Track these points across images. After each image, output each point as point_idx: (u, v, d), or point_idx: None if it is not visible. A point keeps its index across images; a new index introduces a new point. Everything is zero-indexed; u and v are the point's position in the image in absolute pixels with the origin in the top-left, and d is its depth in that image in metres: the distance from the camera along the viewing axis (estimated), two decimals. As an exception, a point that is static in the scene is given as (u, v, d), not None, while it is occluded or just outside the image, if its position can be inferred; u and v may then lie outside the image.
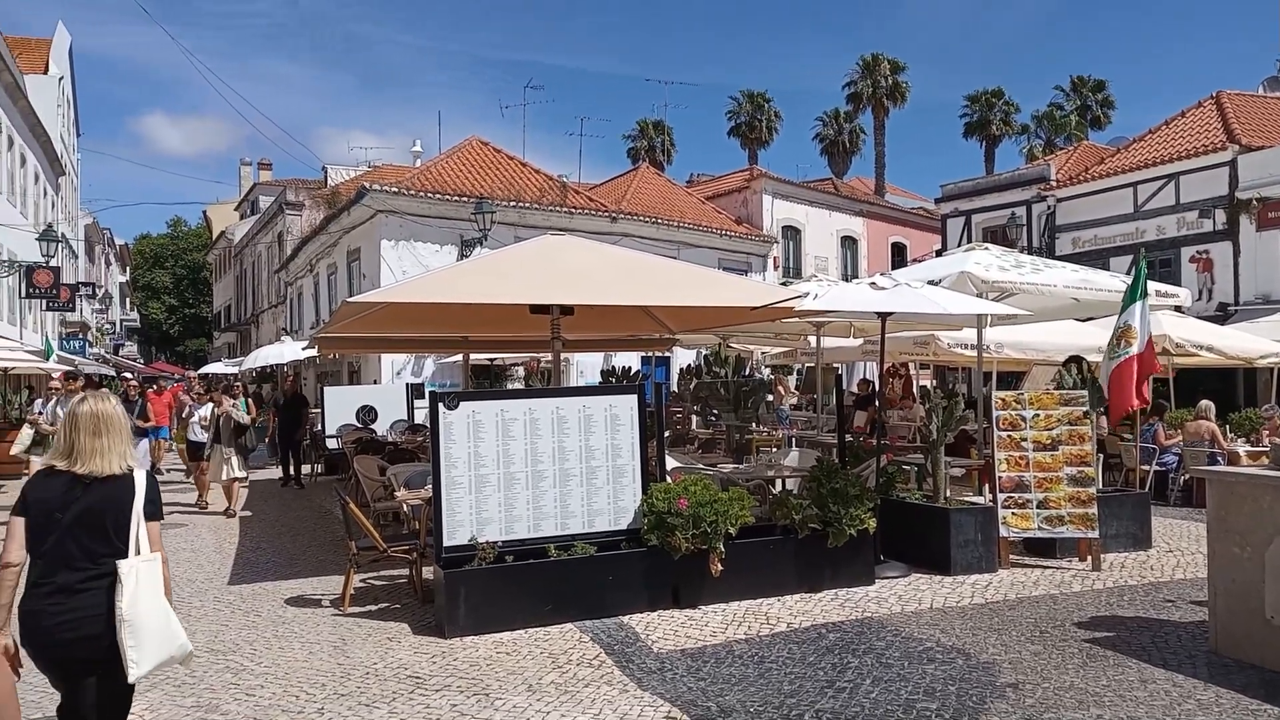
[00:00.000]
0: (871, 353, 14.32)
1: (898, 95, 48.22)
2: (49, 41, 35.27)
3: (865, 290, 8.35)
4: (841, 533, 7.42)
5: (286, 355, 22.06)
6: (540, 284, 7.94)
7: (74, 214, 40.24)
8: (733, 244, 28.84)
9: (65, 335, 34.44)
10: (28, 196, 28.18)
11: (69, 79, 37.84)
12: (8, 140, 23.91)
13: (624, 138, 54.07)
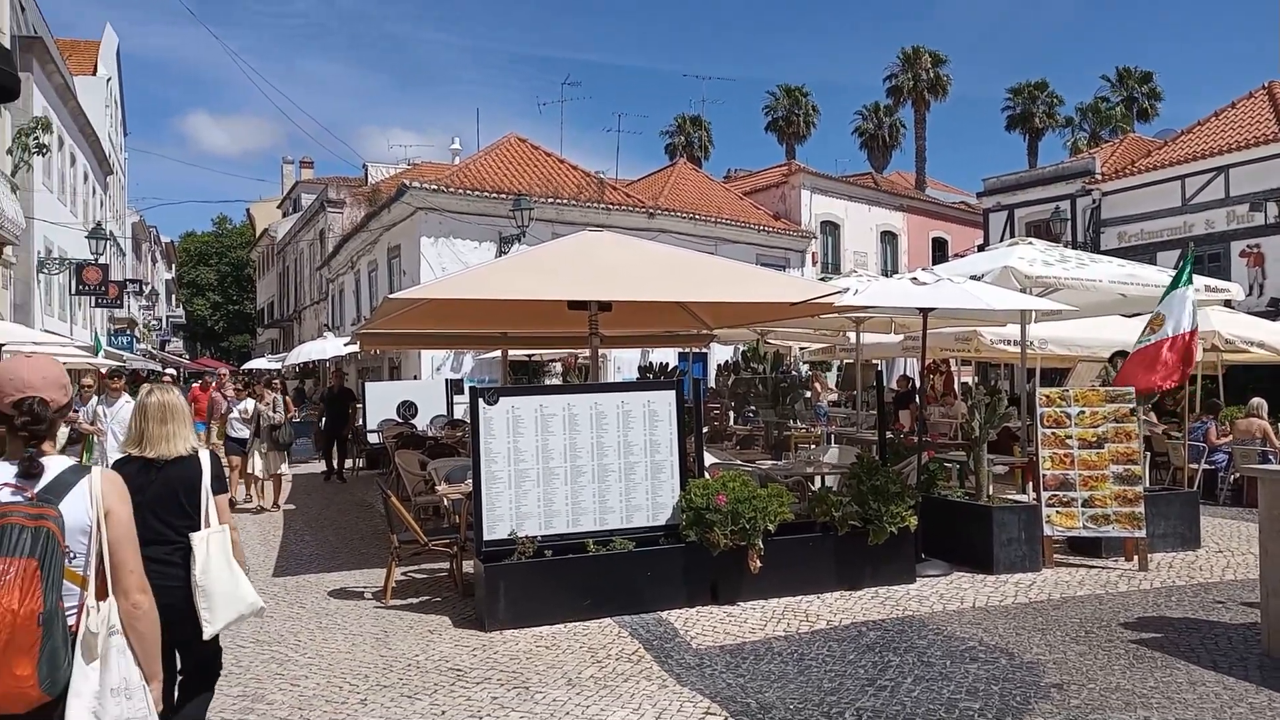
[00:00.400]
0: (912, 349, 14.21)
1: (939, 88, 47.76)
2: (97, 43, 35.98)
3: (907, 285, 8.26)
4: (882, 530, 7.36)
5: (328, 351, 22.33)
6: (578, 280, 7.96)
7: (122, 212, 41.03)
8: (770, 239, 28.72)
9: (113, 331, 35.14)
10: (77, 195, 28.77)
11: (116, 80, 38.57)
12: (58, 140, 24.41)
13: (661, 134, 54.06)
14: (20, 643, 2.35)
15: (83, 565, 2.59)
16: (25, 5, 23.75)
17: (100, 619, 2.58)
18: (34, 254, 22.73)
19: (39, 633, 2.38)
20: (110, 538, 2.64)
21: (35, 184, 22.18)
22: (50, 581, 2.43)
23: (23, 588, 2.36)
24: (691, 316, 10.67)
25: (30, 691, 2.38)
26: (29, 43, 22.14)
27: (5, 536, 2.40)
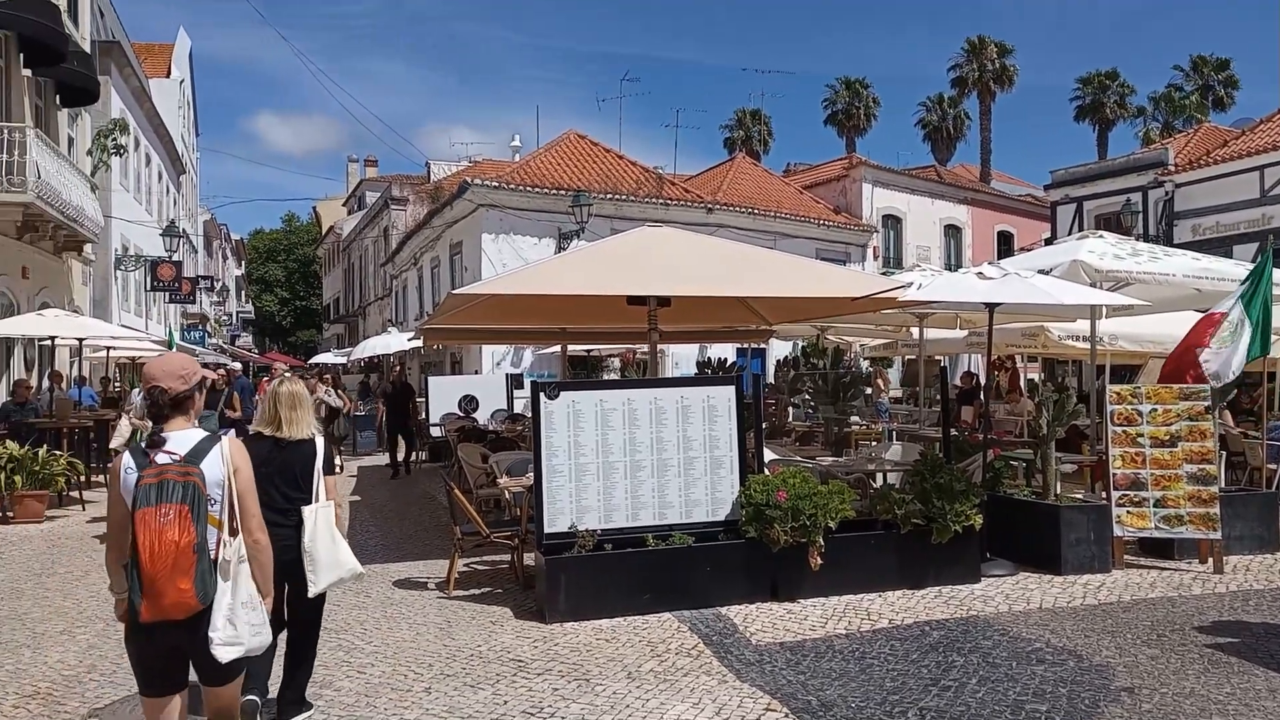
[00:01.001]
0: (977, 345, 13.97)
1: (1005, 79, 46.85)
2: (171, 46, 37.02)
3: (972, 280, 8.12)
4: (946, 529, 7.25)
5: (392, 346, 22.69)
6: (637, 275, 7.98)
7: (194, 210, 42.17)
8: (831, 234, 28.44)
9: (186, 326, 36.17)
10: (152, 194, 29.66)
11: (189, 81, 39.64)
12: (134, 141, 25.17)
13: (720, 128, 53.99)
14: (183, 565, 3.18)
15: (219, 510, 3.42)
16: (104, 10, 24.52)
17: (232, 550, 3.43)
18: (112, 251, 23.50)
19: (194, 558, 3.21)
20: (237, 489, 3.47)
21: (113, 184, 22.92)
22: (199, 520, 3.25)
23: (180, 525, 3.19)
24: (750, 312, 10.63)
25: (190, 601, 3.22)
26: (107, 47, 22.88)
27: (166, 488, 3.22)
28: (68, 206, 16.51)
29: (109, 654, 6.08)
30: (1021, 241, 32.44)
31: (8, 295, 15.87)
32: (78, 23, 19.55)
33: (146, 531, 3.18)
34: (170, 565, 3.17)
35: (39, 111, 17.36)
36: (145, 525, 3.18)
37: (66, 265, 19.25)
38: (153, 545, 3.17)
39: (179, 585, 3.18)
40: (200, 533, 3.25)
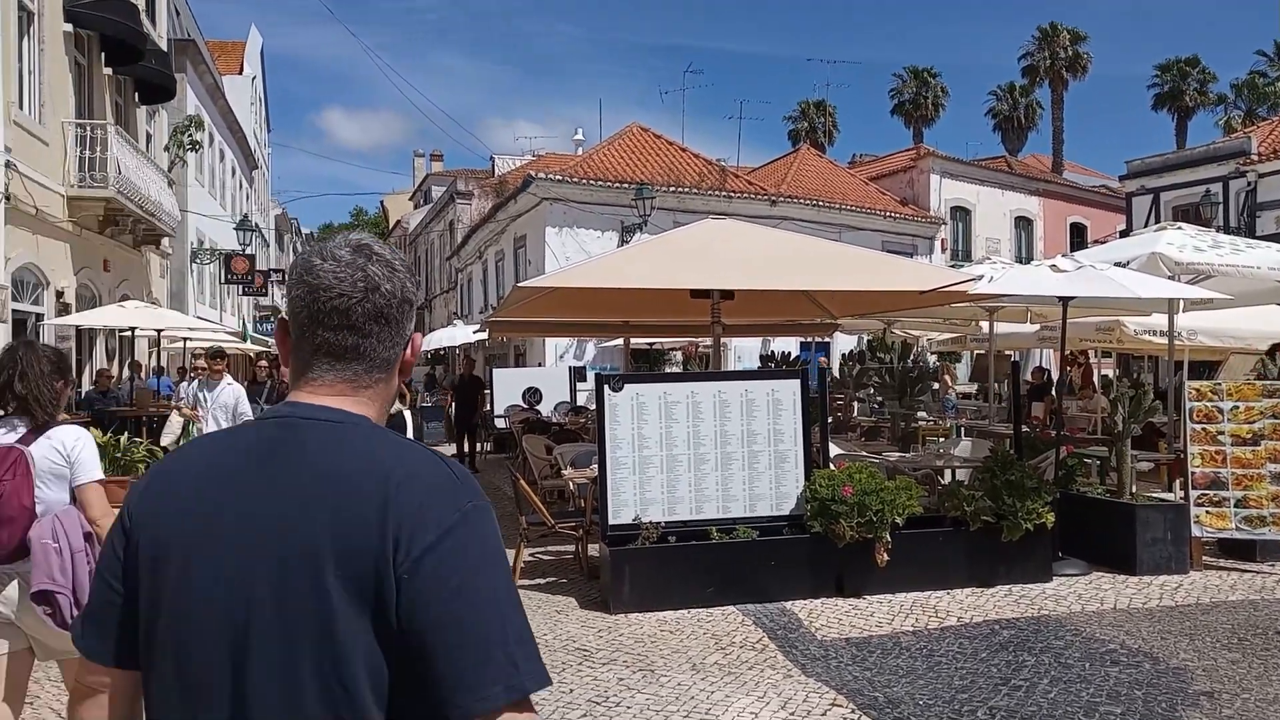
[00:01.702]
0: (1048, 339, 13.67)
1: (1078, 67, 45.67)
2: (243, 44, 37.92)
3: (1045, 272, 7.94)
4: (1016, 526, 7.11)
5: (458, 338, 23.00)
6: (701, 268, 7.96)
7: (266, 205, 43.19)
8: (897, 226, 28.04)
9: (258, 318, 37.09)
10: (226, 189, 30.44)
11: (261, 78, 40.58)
12: (209, 137, 25.87)
13: (784, 120, 53.39)
14: None
15: None
16: (179, 9, 25.22)
17: None
18: (188, 245, 24.19)
19: None
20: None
21: (189, 179, 23.58)
22: None
23: None
24: (815, 305, 10.53)
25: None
26: (183, 45, 23.53)
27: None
28: (146, 201, 17.02)
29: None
30: (1095, 234, 31.60)
31: (90, 287, 16.42)
32: (155, 22, 20.13)
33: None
34: None
35: (119, 109, 17.92)
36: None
37: (145, 258, 19.85)
38: None
39: None
40: None
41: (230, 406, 8.90)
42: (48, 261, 14.31)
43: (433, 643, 1.18)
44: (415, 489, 1.24)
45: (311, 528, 1.22)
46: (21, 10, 13.57)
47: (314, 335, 1.35)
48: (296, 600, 1.20)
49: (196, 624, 1.24)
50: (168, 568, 1.27)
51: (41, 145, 14.01)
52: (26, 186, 13.15)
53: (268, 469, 1.28)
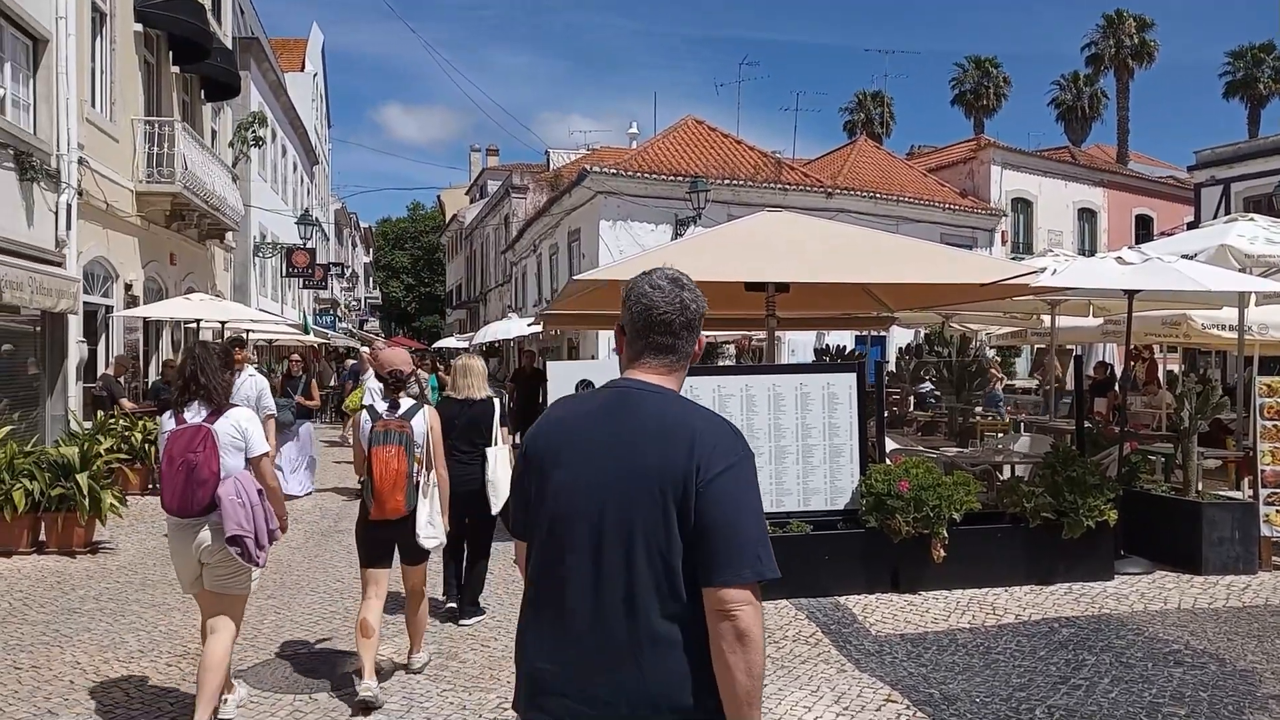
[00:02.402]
0: (1112, 333, 13.37)
1: (1144, 54, 44.44)
2: (304, 41, 38.61)
3: (1111, 265, 7.74)
4: (1078, 524, 6.97)
5: (512, 331, 23.16)
6: (756, 261, 7.91)
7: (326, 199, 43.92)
8: (956, 218, 27.61)
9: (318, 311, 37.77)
10: (287, 184, 31.03)
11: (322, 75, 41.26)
12: (271, 133, 26.37)
13: (841, 111, 52.84)
14: (399, 485, 4.88)
15: (421, 453, 5.08)
16: (243, 8, 25.74)
17: (428, 480, 5.12)
18: (251, 239, 24.71)
19: (405, 481, 4.90)
20: (432, 440, 5.16)
21: (252, 174, 24.08)
22: (409, 457, 4.93)
23: (400, 458, 4.88)
24: (872, 298, 10.41)
25: (401, 509, 4.91)
26: (247, 43, 24.02)
27: (390, 435, 4.92)
28: (211, 196, 17.42)
29: (250, 618, 6.41)
30: (1162, 225, 30.79)
31: (157, 280, 16.86)
32: (220, 21, 20.57)
33: (378, 462, 4.87)
34: (391, 484, 4.87)
35: (185, 106, 18.35)
36: (378, 458, 4.88)
37: (209, 252, 20.32)
38: (381, 471, 4.86)
39: (396, 498, 4.89)
40: (409, 465, 4.94)
41: (251, 399, 8.51)
42: (117, 255, 14.73)
43: (712, 533, 1.90)
44: (710, 435, 1.98)
45: (645, 454, 1.98)
46: (95, 11, 13.97)
47: (647, 336, 2.13)
48: (635, 497, 1.96)
49: (565, 511, 2.04)
50: (548, 477, 2.08)
51: (112, 142, 14.41)
52: (97, 182, 13.55)
53: (614, 416, 2.06)
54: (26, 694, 5.01)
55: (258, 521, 4.34)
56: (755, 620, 1.88)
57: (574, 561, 2.01)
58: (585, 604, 1.99)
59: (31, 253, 11.34)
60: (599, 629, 1.98)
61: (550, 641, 2.06)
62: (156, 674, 5.33)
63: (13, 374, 12.21)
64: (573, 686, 2.00)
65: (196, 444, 4.28)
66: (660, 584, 1.93)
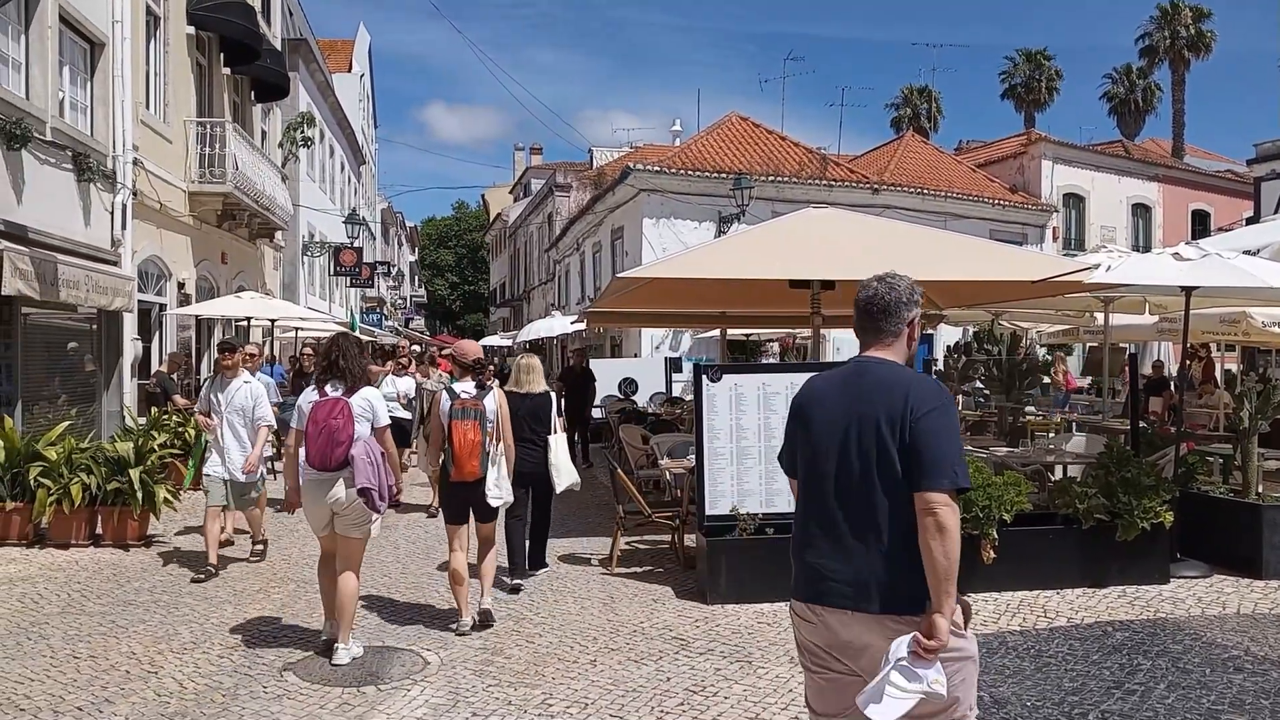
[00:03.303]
0: (1168, 332, 13.08)
1: (1200, 45, 43.34)
2: (351, 42, 39.05)
3: (1167, 261, 7.55)
4: (1132, 525, 6.82)
5: (555, 329, 23.26)
6: (801, 259, 7.86)
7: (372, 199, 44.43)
8: (1006, 214, 27.15)
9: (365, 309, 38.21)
10: (335, 184, 31.42)
11: (369, 75, 41.72)
12: (320, 133, 26.72)
13: (887, 106, 52.27)
14: (474, 453, 5.93)
15: (491, 428, 6.12)
16: (292, 10, 26.11)
17: (496, 450, 6.18)
18: (299, 238, 25.06)
19: (479, 450, 5.96)
20: (501, 417, 6.23)
21: (300, 174, 24.42)
22: (483, 430, 6.00)
23: (475, 431, 5.95)
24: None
25: (476, 472, 5.97)
26: (295, 45, 24.35)
27: (468, 411, 5.98)
28: (261, 196, 17.69)
29: (300, 612, 6.51)
30: (1219, 221, 30.04)
31: (209, 279, 17.17)
32: (270, 22, 20.88)
33: (458, 433, 5.94)
34: (468, 452, 5.94)
35: (236, 107, 18.66)
36: (457, 430, 5.95)
37: (259, 251, 20.65)
38: (460, 440, 5.93)
39: (472, 463, 5.95)
40: (483, 437, 6.01)
41: (247, 410, 7.66)
42: (170, 254, 15.02)
43: (920, 454, 2.69)
44: (919, 388, 2.81)
45: (873, 402, 2.82)
46: (149, 15, 14.25)
47: (862, 323, 3.02)
48: (866, 431, 2.80)
49: (819, 444, 2.92)
50: (809, 423, 2.98)
51: (165, 143, 14.70)
52: (151, 182, 13.82)
53: (852, 380, 2.94)
54: (85, 683, 5.12)
55: (381, 478, 5.40)
56: (951, 517, 2.65)
57: (826, 480, 2.90)
58: (835, 510, 2.87)
59: (88, 252, 11.60)
60: (845, 527, 2.84)
61: (814, 538, 2.92)
62: (209, 664, 5.42)
63: (71, 371, 12.51)
64: (828, 568, 2.86)
65: (336, 413, 5.35)
66: (885, 493, 2.76)
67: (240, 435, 7.70)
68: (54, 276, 9.79)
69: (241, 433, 7.71)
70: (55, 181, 11.15)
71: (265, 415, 7.72)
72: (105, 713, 4.73)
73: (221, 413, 7.70)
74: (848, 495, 2.84)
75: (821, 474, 2.91)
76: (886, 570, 2.76)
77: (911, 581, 2.71)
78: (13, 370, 10.59)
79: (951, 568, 2.65)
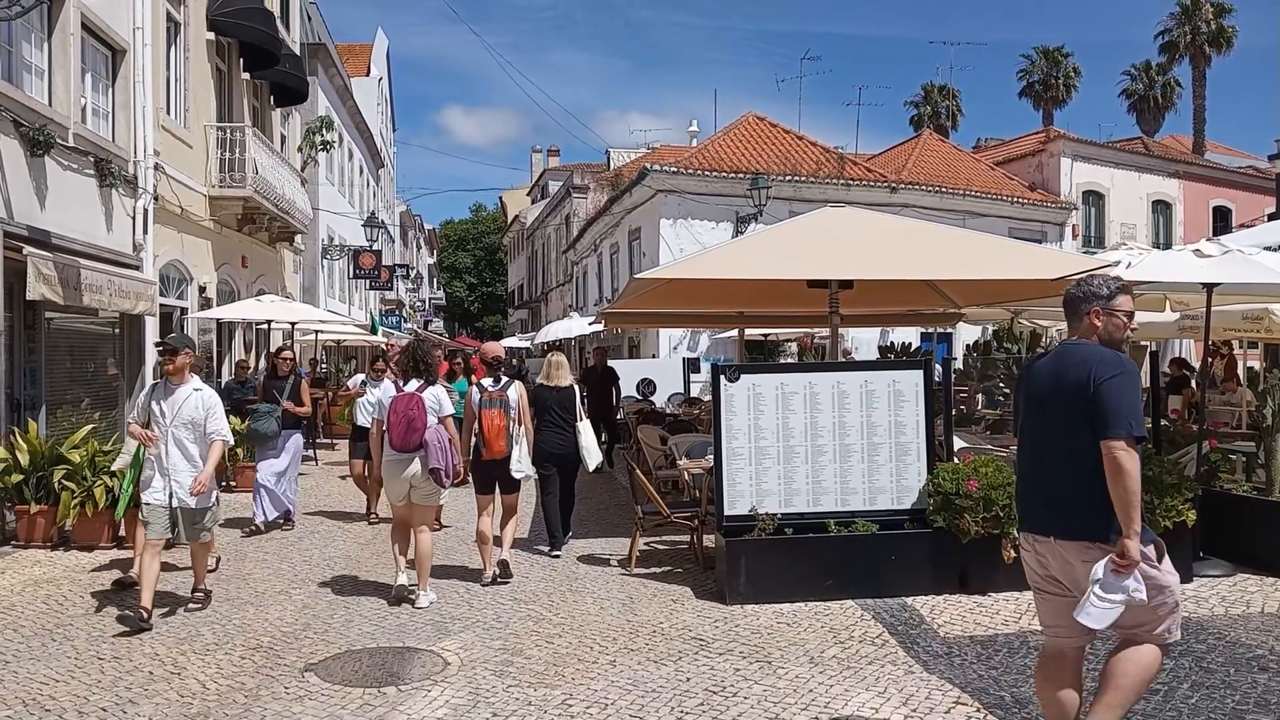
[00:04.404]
0: (1189, 329, 12.95)
1: (1221, 41, 42.94)
2: (369, 46, 39.23)
3: (1188, 258, 7.49)
4: (1154, 524, 6.75)
5: (573, 330, 23.30)
6: (819, 258, 7.84)
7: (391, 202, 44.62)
8: (1025, 212, 27.01)
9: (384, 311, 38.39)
10: (354, 187, 31.58)
11: (387, 79, 41.90)
12: (338, 137, 26.86)
13: (906, 104, 52.01)
14: (501, 435, 7.29)
15: (514, 414, 7.40)
16: (310, 15, 26.27)
17: (519, 432, 7.46)
18: (319, 241, 25.21)
19: (505, 433, 7.31)
20: (521, 406, 7.51)
21: (319, 178, 24.56)
22: (508, 417, 7.34)
23: (501, 417, 7.31)
24: (938, 294, 10.24)
25: (503, 450, 7.32)
26: (314, 49, 24.51)
27: (494, 401, 7.34)
28: (281, 200, 17.81)
29: (321, 613, 6.56)
30: (1241, 217, 29.75)
31: (230, 283, 17.30)
32: (289, 27, 21.02)
33: (487, 419, 7.32)
34: (496, 434, 7.29)
35: (256, 112, 18.80)
36: (486, 416, 7.33)
37: (279, 255, 20.78)
38: (489, 425, 7.31)
39: (499, 443, 7.30)
40: (508, 422, 7.36)
41: (198, 423, 6.43)
42: (191, 258, 15.15)
43: (1101, 410, 3.49)
44: (1101, 361, 3.57)
45: (1068, 374, 3.66)
46: (169, 21, 14.39)
47: (1066, 312, 3.88)
48: (1065, 396, 3.65)
49: (1033, 408, 3.86)
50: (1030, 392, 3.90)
51: (186, 148, 14.83)
52: (172, 187, 13.95)
53: (1054, 360, 3.81)
54: (109, 684, 5.17)
55: (448, 459, 6.70)
56: (1128, 460, 3.44)
57: (1035, 437, 3.86)
58: (1041, 459, 3.81)
59: (110, 256, 11.72)
60: (1045, 471, 3.77)
61: (1026, 481, 3.94)
62: (231, 665, 5.47)
63: (94, 375, 12.63)
64: (1035, 505, 3.84)
65: (412, 405, 6.64)
66: (1075, 444, 3.60)
67: (190, 453, 6.42)
68: (77, 281, 9.90)
69: (191, 450, 6.42)
70: (78, 187, 11.27)
71: (220, 429, 6.52)
72: (129, 714, 4.78)
73: (165, 425, 6.37)
74: (1049, 447, 3.74)
75: (1033, 432, 3.86)
76: (1077, 506, 3.60)
77: (1097, 514, 3.54)
78: (37, 374, 10.71)
79: (1131, 499, 3.43)
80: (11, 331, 9.87)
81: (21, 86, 10.14)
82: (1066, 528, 3.64)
